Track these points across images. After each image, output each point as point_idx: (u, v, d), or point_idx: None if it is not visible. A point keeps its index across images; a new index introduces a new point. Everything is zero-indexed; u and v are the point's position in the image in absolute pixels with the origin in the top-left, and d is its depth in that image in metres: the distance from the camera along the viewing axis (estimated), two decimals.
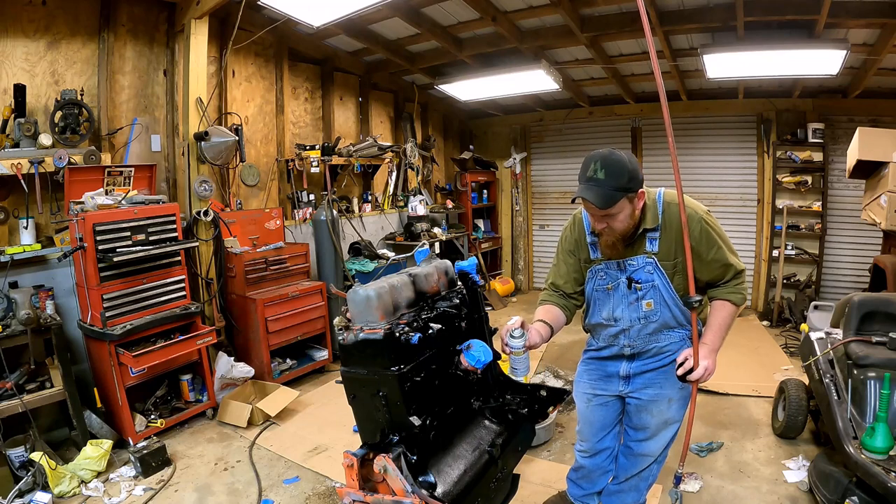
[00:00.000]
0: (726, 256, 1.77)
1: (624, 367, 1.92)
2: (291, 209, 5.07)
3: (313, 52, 5.17)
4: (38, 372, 3.09)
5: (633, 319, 1.83)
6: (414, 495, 1.18)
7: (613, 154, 1.62)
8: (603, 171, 1.59)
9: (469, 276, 1.69)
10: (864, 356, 2.37)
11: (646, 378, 1.90)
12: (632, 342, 1.87)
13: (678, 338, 1.87)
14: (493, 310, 6.40)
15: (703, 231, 1.73)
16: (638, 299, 1.79)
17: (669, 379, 1.83)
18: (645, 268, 1.76)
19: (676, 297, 1.78)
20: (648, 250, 1.76)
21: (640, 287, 1.77)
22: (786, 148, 5.67)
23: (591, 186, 1.60)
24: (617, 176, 1.58)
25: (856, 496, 2.04)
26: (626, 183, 1.59)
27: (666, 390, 1.87)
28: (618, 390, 1.97)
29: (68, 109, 3.28)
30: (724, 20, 3.94)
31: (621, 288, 1.81)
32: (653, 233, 1.74)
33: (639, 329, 1.84)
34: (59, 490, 2.70)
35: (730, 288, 1.80)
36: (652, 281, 1.76)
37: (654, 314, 1.80)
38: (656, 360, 1.88)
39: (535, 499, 2.55)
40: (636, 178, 1.62)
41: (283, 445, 3.28)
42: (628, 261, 1.78)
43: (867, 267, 4.51)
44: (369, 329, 1.29)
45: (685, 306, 1.74)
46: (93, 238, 3.02)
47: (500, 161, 7.58)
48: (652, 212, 1.73)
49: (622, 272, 1.80)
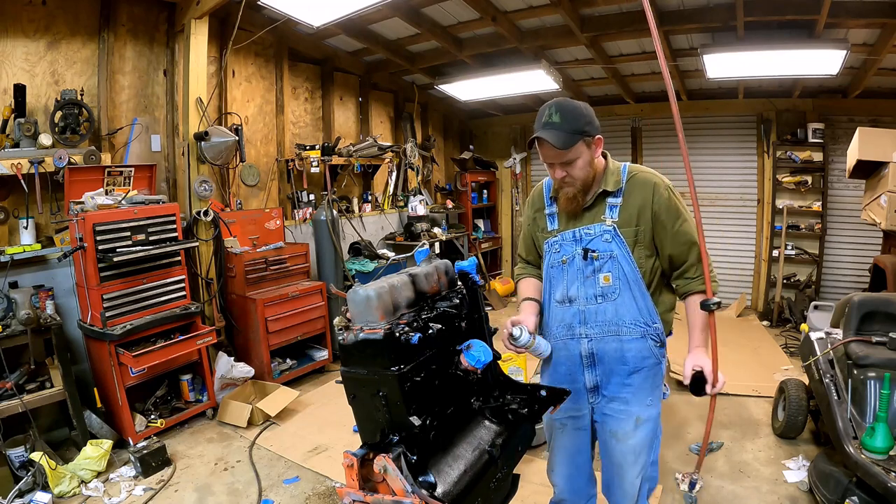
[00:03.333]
0: (692, 233, 1.65)
1: (588, 377, 1.73)
2: (291, 209, 5.07)
3: (313, 52, 5.17)
4: (38, 372, 3.09)
5: (590, 297, 1.67)
6: (414, 495, 1.18)
7: (568, 100, 1.59)
8: (558, 114, 1.55)
9: (469, 276, 1.68)
10: (864, 356, 2.37)
11: (610, 389, 1.71)
12: (589, 329, 1.68)
13: (643, 347, 1.66)
14: (493, 310, 6.40)
15: (670, 200, 1.64)
16: (594, 271, 1.65)
17: (637, 393, 1.68)
18: (603, 236, 1.64)
19: (639, 274, 1.63)
20: (607, 217, 1.64)
21: (596, 256, 1.64)
22: (786, 148, 5.67)
23: (547, 129, 1.55)
24: (573, 119, 1.55)
25: (856, 496, 2.04)
26: (582, 126, 1.55)
27: (633, 407, 1.68)
28: (587, 403, 1.76)
29: (68, 109, 3.28)
30: (724, 20, 3.94)
31: (577, 261, 1.68)
32: (613, 198, 1.65)
33: (595, 310, 1.66)
34: (59, 490, 2.70)
35: (699, 278, 1.64)
36: (610, 251, 1.63)
37: (612, 291, 1.64)
38: (620, 366, 1.68)
39: (535, 499, 2.55)
40: (593, 123, 1.59)
41: (283, 445, 3.28)
42: (584, 229, 1.67)
43: (867, 267, 4.51)
44: (369, 329, 1.29)
45: (703, 309, 1.59)
46: (93, 238, 3.02)
47: (500, 161, 7.58)
48: (615, 177, 1.66)
49: (578, 242, 1.68)
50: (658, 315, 1.67)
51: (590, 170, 1.62)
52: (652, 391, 1.70)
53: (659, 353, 1.69)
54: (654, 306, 1.66)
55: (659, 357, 1.69)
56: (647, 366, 1.68)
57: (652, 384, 1.70)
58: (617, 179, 1.66)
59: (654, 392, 1.71)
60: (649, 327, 1.66)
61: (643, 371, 1.68)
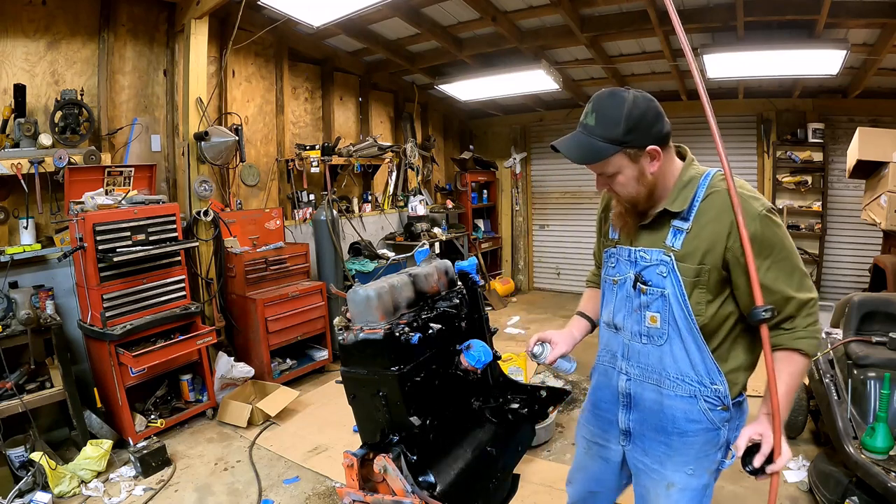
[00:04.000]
0: (791, 278, 1.23)
1: (622, 417, 1.46)
2: (291, 209, 5.07)
3: (313, 52, 5.17)
4: (38, 372, 3.09)
5: (634, 332, 1.38)
6: (414, 495, 1.18)
7: (617, 94, 1.22)
8: (594, 114, 1.23)
9: (469, 276, 1.68)
10: (864, 356, 2.37)
11: (645, 442, 1.41)
12: (629, 367, 1.41)
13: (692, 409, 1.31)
14: (493, 310, 6.40)
15: (763, 234, 1.21)
16: (641, 306, 1.35)
17: (674, 457, 1.35)
18: (658, 266, 1.30)
19: (693, 323, 1.26)
20: (669, 245, 1.29)
21: (645, 290, 1.32)
22: (786, 148, 5.67)
23: (576, 135, 1.25)
24: (609, 123, 1.20)
25: (856, 496, 2.04)
26: (620, 134, 1.19)
27: (667, 471, 1.36)
28: (618, 443, 1.49)
29: (68, 109, 3.28)
30: (724, 20, 3.94)
31: (626, 286, 1.39)
32: (680, 221, 1.28)
33: (638, 349, 1.38)
34: (59, 490, 2.70)
35: (798, 330, 1.23)
36: (662, 288, 1.30)
37: (658, 334, 1.32)
38: (657, 421, 1.37)
39: (535, 498, 2.55)
40: (641, 129, 1.20)
41: (283, 445, 3.28)
42: (641, 251, 1.34)
43: (867, 267, 4.51)
44: (369, 329, 1.29)
45: (750, 320, 1.22)
46: (93, 238, 3.02)
47: (500, 161, 7.58)
48: (686, 191, 1.28)
49: (632, 265, 1.37)
50: (722, 374, 1.29)
51: (640, 187, 1.27)
52: (697, 459, 1.33)
53: (718, 419, 1.31)
54: (714, 363, 1.28)
55: (717, 423, 1.31)
56: (695, 431, 1.32)
57: (698, 452, 1.33)
58: (687, 196, 1.28)
59: (701, 461, 1.33)
60: (704, 387, 1.30)
61: (688, 436, 1.33)
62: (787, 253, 1.24)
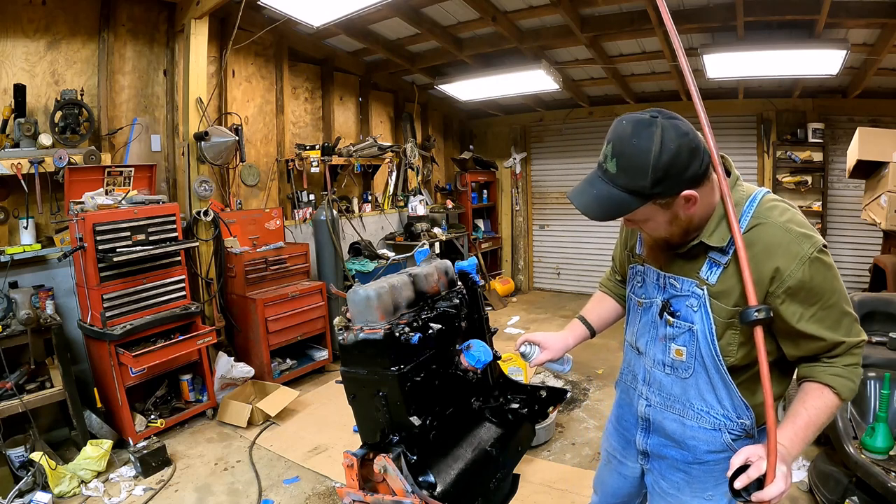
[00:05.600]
0: (837, 327, 1.10)
1: (640, 439, 1.40)
2: (291, 209, 5.07)
3: (313, 52, 5.17)
4: (38, 372, 3.09)
5: (657, 361, 1.29)
6: (414, 495, 1.18)
7: (642, 133, 1.00)
8: (614, 160, 1.03)
9: (469, 276, 1.68)
10: (864, 356, 2.37)
11: (663, 467, 1.35)
12: (650, 393, 1.33)
13: (715, 441, 1.23)
14: (493, 310, 6.40)
15: (812, 281, 1.06)
16: (666, 338, 1.24)
17: (694, 484, 1.28)
18: (689, 299, 1.18)
19: (721, 363, 1.16)
20: (703, 277, 1.15)
21: (672, 321, 1.21)
22: (786, 148, 5.67)
23: (594, 181, 1.07)
24: (634, 172, 1.01)
25: (856, 496, 2.04)
26: (647, 186, 1.00)
27: (684, 496, 1.31)
28: (636, 461, 1.45)
29: (68, 109, 3.28)
30: (723, 20, 3.94)
31: (653, 311, 1.28)
32: (719, 253, 1.13)
33: (661, 379, 1.29)
34: (59, 490, 2.70)
35: (836, 366, 1.11)
36: (691, 322, 1.18)
37: (684, 367, 1.23)
38: (677, 449, 1.31)
39: (535, 498, 2.55)
40: (672, 177, 1.00)
41: (283, 445, 3.28)
42: (671, 278, 1.22)
43: (867, 267, 4.51)
44: (369, 329, 1.28)
45: (742, 322, 1.08)
46: (93, 238, 3.02)
47: (500, 161, 7.59)
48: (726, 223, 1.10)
49: (660, 291, 1.25)
50: (750, 409, 1.19)
51: (673, 228, 1.13)
52: (716, 486, 1.26)
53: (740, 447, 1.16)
54: (742, 399, 1.18)
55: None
56: (716, 460, 1.25)
57: (718, 478, 1.25)
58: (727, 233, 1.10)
59: (720, 487, 1.25)
60: (730, 421, 1.21)
61: (709, 465, 1.27)
62: (837, 298, 1.09)
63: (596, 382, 4.19)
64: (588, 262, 7.16)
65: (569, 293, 7.28)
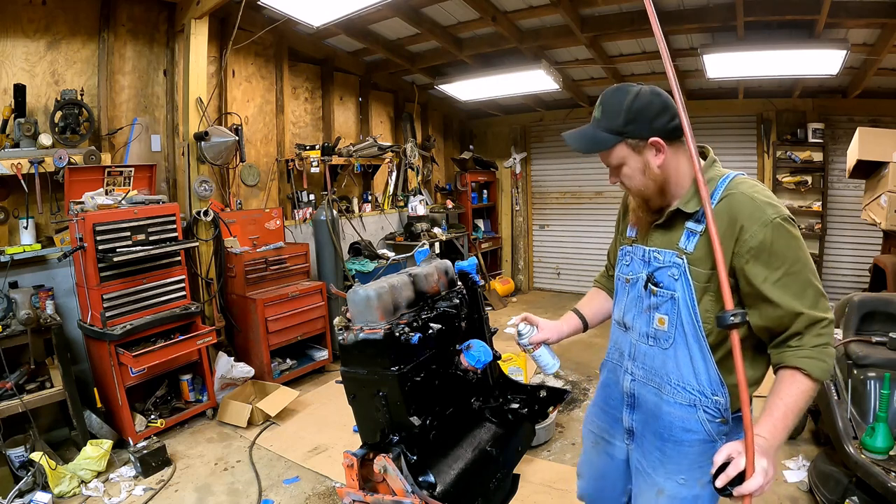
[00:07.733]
0: (802, 297, 1.14)
1: (626, 416, 1.46)
2: (291, 209, 5.07)
3: (313, 52, 5.17)
4: (38, 372, 3.09)
5: (642, 333, 1.37)
6: (414, 495, 1.18)
7: (623, 87, 1.25)
8: (600, 107, 1.27)
9: (469, 276, 1.68)
10: (864, 356, 2.37)
11: (645, 445, 1.41)
12: (635, 368, 1.41)
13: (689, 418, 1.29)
14: (493, 310, 6.40)
15: (772, 243, 1.14)
16: (650, 308, 1.34)
17: (667, 464, 1.33)
18: (670, 269, 1.28)
19: (701, 330, 1.24)
20: (682, 247, 1.27)
21: (656, 290, 1.31)
22: (786, 148, 5.67)
23: (584, 127, 1.31)
24: (611, 114, 1.23)
25: (856, 496, 2.04)
26: (620, 124, 1.22)
27: (659, 476, 1.34)
28: (623, 441, 1.50)
29: (68, 109, 3.28)
30: (723, 20, 3.94)
31: (638, 285, 1.38)
32: (694, 223, 1.25)
33: (644, 351, 1.37)
34: (59, 490, 2.70)
35: (804, 349, 1.15)
36: (672, 290, 1.28)
37: (665, 337, 1.31)
38: (655, 425, 1.37)
39: (535, 498, 2.55)
40: (641, 120, 1.20)
41: (283, 445, 3.28)
42: (654, 251, 1.33)
43: (867, 267, 4.51)
44: (369, 329, 1.28)
45: (718, 326, 1.16)
46: (93, 238, 3.02)
47: (500, 161, 7.58)
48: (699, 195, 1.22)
49: (646, 265, 1.36)
50: (725, 386, 1.25)
51: (646, 180, 1.27)
52: (689, 470, 1.30)
53: (715, 431, 1.28)
54: (718, 374, 1.24)
55: (713, 435, 1.28)
56: (690, 441, 1.30)
57: (692, 462, 1.30)
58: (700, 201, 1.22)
59: (694, 472, 1.30)
60: (704, 397, 1.27)
61: (683, 446, 1.31)
62: (801, 266, 1.15)
63: (596, 382, 4.18)
64: (588, 262, 7.16)
65: (569, 293, 7.28)
